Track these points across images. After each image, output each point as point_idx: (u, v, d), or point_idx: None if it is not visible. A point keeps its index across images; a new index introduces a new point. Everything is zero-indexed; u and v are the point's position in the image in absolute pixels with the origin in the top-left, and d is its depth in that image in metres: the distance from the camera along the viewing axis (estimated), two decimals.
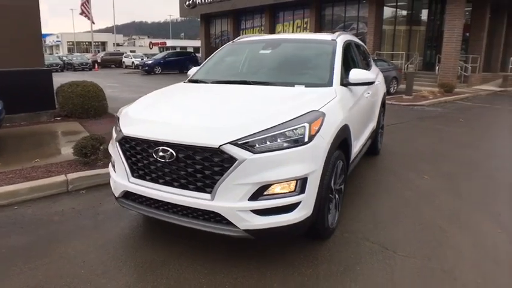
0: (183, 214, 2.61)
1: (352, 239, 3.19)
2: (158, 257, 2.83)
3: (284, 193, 2.47)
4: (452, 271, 2.77)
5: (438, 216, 3.73)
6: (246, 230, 2.45)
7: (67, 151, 5.23)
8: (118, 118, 3.10)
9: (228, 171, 2.38)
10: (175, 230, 3.21)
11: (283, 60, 3.95)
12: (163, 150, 2.52)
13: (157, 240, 3.09)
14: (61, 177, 4.18)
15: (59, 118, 7.66)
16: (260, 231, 2.47)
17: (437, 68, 18.49)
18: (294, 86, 3.36)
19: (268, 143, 2.43)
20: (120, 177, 2.85)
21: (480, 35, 19.21)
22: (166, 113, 2.94)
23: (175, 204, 2.59)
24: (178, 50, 39.85)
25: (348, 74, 3.55)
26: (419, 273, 2.73)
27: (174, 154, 2.49)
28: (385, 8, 20.99)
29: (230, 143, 2.38)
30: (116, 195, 2.95)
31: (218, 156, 2.41)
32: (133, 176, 2.77)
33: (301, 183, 2.50)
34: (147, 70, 25.48)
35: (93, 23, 31.18)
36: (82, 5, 30.52)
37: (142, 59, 31.38)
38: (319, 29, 23.64)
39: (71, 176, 4.23)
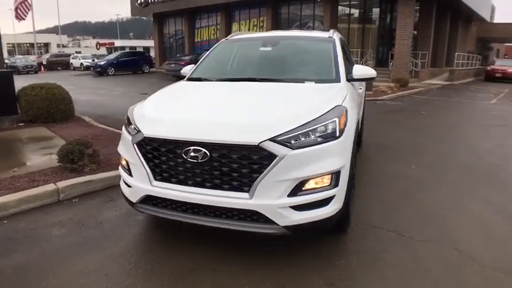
0: (215, 215, 2.51)
1: (368, 229, 3.26)
2: (186, 262, 2.70)
3: (320, 187, 2.47)
4: (467, 251, 2.94)
5: (435, 203, 3.93)
6: (285, 227, 2.42)
7: (46, 158, 4.85)
8: (129, 118, 2.91)
9: (268, 168, 2.33)
10: (193, 233, 3.09)
11: (286, 57, 3.94)
12: (195, 151, 2.40)
13: (178, 245, 2.94)
14: (50, 186, 3.85)
15: (22, 124, 7.06)
16: (298, 226, 2.45)
17: (390, 64, 19.45)
18: (304, 82, 3.36)
19: (303, 138, 2.42)
20: (140, 181, 2.68)
21: (428, 32, 20.53)
22: (190, 112, 2.81)
23: (207, 206, 2.49)
24: (127, 50, 38.29)
25: (351, 70, 3.63)
26: (440, 256, 2.86)
27: (208, 154, 2.38)
28: (339, 7, 21.73)
29: (270, 139, 2.34)
30: (134, 200, 2.77)
31: (257, 153, 2.35)
32: (156, 179, 2.61)
33: (336, 177, 2.51)
34: (100, 71, 24.28)
35: (22, 19, 27.92)
36: (17, 8, 27.51)
37: (93, 60, 29.82)
38: (275, 27, 23.90)
39: (61, 184, 3.92)
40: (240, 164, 2.37)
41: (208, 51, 4.25)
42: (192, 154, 2.41)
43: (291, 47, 4.09)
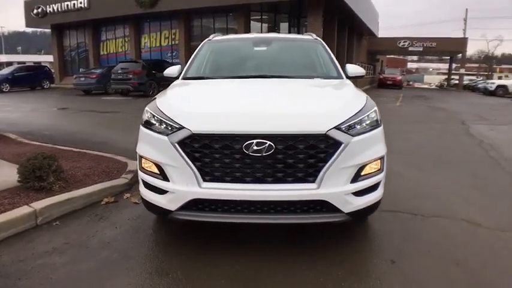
0: (276, 211, 2.38)
1: (383, 213, 3.37)
2: (240, 267, 2.49)
3: (373, 172, 2.54)
4: (472, 220, 3.30)
5: (416, 185, 4.36)
6: (348, 213, 2.42)
7: None
8: (154, 116, 2.60)
9: (334, 156, 2.32)
10: (222, 235, 2.91)
11: (283, 56, 3.98)
12: (259, 144, 2.26)
13: (215, 251, 2.70)
14: (25, 209, 3.20)
15: None
16: (358, 212, 2.48)
17: None
18: (313, 79, 3.44)
19: (357, 127, 2.47)
20: (183, 184, 2.40)
21: (331, 45, 22.48)
22: (240, 105, 2.62)
23: (268, 202, 2.35)
24: (15, 65, 33.85)
25: (344, 68, 3.82)
26: (456, 227, 3.18)
27: (273, 146, 2.27)
28: (251, 21, 22.51)
29: (335, 128, 2.34)
30: (173, 208, 2.46)
31: (323, 142, 2.32)
32: (205, 180, 2.38)
33: (382, 162, 2.62)
34: None
35: None
36: None
37: None
38: (188, 40, 23.71)
39: (37, 205, 3.28)
40: (307, 154, 2.32)
41: (195, 51, 4.04)
42: (255, 148, 2.26)
43: (284, 47, 4.15)
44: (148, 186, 2.64)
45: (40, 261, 2.66)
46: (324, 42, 4.17)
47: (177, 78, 3.71)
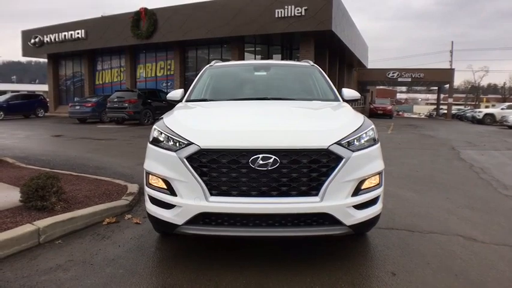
0: (280, 224, 2.46)
1: (382, 231, 3.48)
2: (245, 280, 2.53)
3: (372, 186, 2.66)
4: (467, 236, 3.40)
5: (411, 204, 4.46)
6: (350, 226, 2.51)
7: None
8: (161, 133, 2.71)
9: (336, 170, 2.43)
10: (225, 250, 2.95)
11: (284, 80, 4.18)
12: (264, 158, 2.37)
13: (221, 265, 2.74)
14: (28, 227, 3.22)
15: None
16: (359, 225, 2.57)
17: None
18: (312, 101, 3.61)
19: (357, 143, 2.61)
20: (191, 198, 2.47)
21: None
22: (245, 122, 2.76)
23: (273, 215, 2.44)
24: (10, 93, 34.06)
25: (340, 91, 4.02)
26: (453, 242, 3.26)
27: (278, 160, 2.38)
28: (245, 53, 23.17)
29: (336, 143, 2.47)
30: (180, 222, 2.52)
31: (325, 157, 2.44)
32: (212, 194, 2.46)
33: (380, 177, 2.74)
34: None
35: None
36: None
37: None
38: (183, 70, 24.22)
39: (41, 223, 3.30)
40: (309, 168, 2.43)
41: (197, 76, 4.22)
42: (261, 162, 2.37)
43: (284, 72, 4.36)
44: (155, 201, 2.70)
45: (45, 277, 2.67)
46: (320, 68, 4.39)
47: (180, 101, 3.86)
